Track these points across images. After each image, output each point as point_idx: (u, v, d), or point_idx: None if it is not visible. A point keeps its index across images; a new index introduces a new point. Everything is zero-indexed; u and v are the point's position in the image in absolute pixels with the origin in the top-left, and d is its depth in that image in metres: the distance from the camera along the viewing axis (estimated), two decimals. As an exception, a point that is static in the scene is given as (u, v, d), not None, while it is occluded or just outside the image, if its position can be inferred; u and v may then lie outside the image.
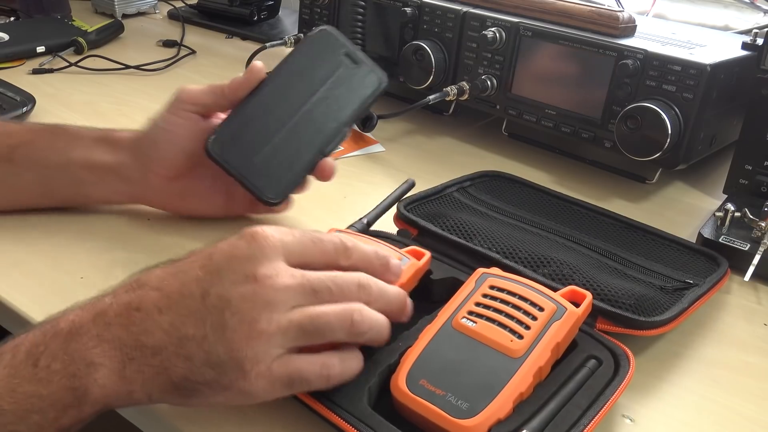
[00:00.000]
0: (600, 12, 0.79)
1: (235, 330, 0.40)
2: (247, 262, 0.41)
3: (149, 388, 0.40)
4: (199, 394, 0.41)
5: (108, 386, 0.39)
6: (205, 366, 0.40)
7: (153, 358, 0.40)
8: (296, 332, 0.41)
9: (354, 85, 0.59)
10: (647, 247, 0.65)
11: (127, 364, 0.40)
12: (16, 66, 1.08)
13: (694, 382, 0.53)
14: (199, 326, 0.40)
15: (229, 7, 1.32)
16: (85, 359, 0.39)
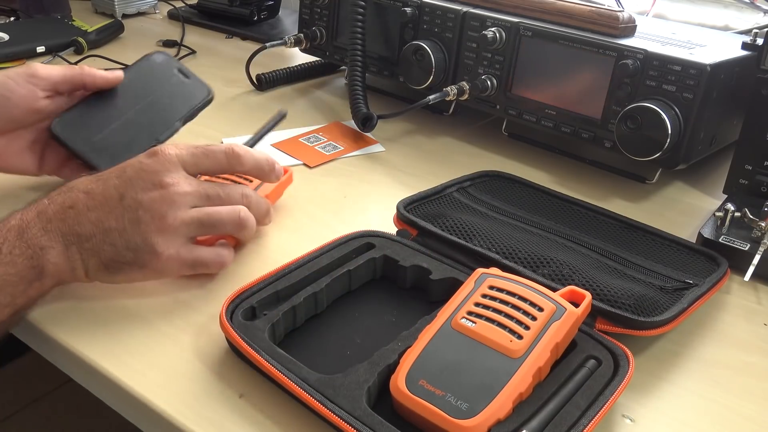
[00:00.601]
0: (600, 12, 0.79)
1: (148, 224, 0.53)
2: (154, 174, 0.54)
3: (86, 266, 0.53)
4: (123, 272, 0.54)
5: (58, 264, 0.52)
6: (126, 250, 0.53)
7: (86, 243, 0.52)
8: (197, 225, 0.55)
9: (185, 92, 0.73)
10: (647, 247, 0.65)
11: (68, 247, 0.52)
12: (16, 66, 1.08)
13: (694, 382, 0.53)
14: (119, 221, 0.53)
15: (229, 7, 1.32)
16: (38, 245, 0.51)
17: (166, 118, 0.71)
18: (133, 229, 0.53)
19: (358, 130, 0.89)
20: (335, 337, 0.54)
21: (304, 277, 0.56)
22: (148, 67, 0.74)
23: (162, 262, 0.54)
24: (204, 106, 0.75)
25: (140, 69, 0.73)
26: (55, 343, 0.54)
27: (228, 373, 0.51)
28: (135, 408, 0.49)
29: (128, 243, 0.53)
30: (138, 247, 0.53)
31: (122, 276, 0.54)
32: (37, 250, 0.51)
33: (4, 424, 1.33)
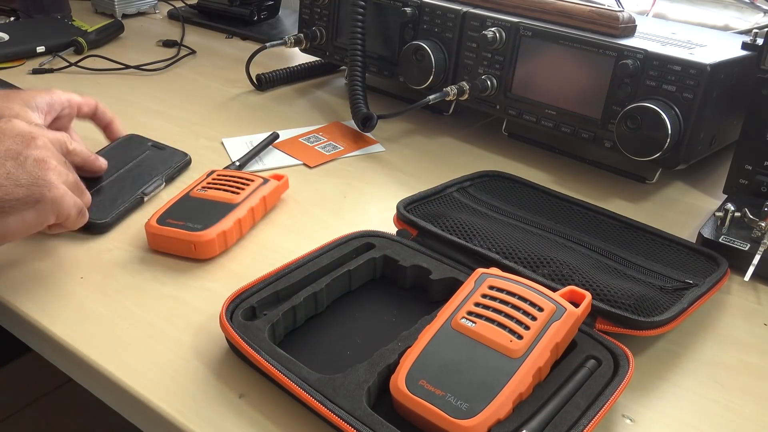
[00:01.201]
0: (600, 12, 0.79)
1: (34, 165, 0.56)
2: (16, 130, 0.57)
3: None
4: (14, 211, 0.54)
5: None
6: (17, 187, 0.54)
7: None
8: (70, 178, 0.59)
9: (163, 158, 0.78)
10: (647, 247, 0.65)
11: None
12: (16, 66, 1.08)
13: (694, 382, 0.53)
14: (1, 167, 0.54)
15: (229, 7, 1.32)
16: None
17: (148, 175, 0.75)
18: (19, 170, 0.54)
19: (358, 130, 0.89)
20: (335, 337, 0.54)
21: (304, 277, 0.56)
22: (123, 143, 0.80)
23: (56, 192, 0.56)
24: (184, 166, 0.79)
25: (116, 146, 0.79)
26: (56, 343, 0.54)
27: (228, 373, 0.51)
28: (135, 408, 0.49)
29: (18, 181, 0.54)
30: (29, 182, 0.55)
31: (13, 219, 0.54)
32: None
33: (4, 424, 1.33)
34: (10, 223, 0.54)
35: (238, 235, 0.66)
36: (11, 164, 0.55)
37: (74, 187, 0.60)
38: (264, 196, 0.69)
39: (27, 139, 0.57)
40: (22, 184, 0.54)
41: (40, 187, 0.55)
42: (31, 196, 0.54)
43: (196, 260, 0.63)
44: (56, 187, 0.56)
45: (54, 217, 0.57)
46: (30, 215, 0.55)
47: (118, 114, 0.93)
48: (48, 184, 0.56)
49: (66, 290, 0.59)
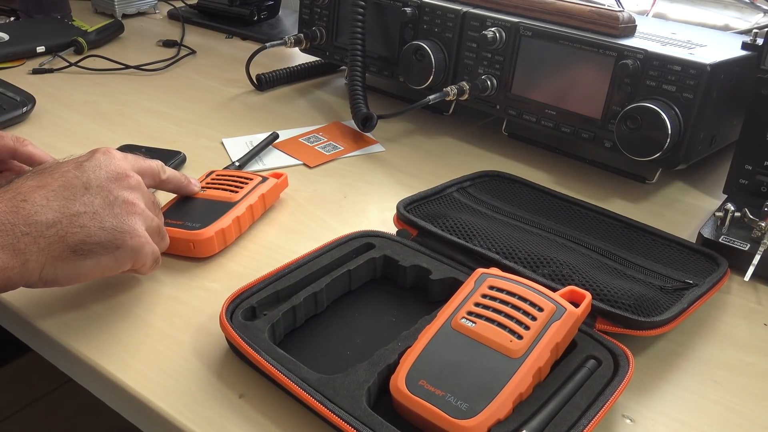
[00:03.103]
0: (600, 12, 0.79)
1: (122, 207, 0.52)
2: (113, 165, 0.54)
3: (44, 256, 0.48)
4: (92, 255, 0.50)
5: (3, 259, 0.46)
6: (100, 230, 0.51)
7: (48, 230, 0.48)
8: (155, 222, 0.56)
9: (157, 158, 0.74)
10: (647, 247, 0.65)
11: (20, 238, 0.47)
12: (16, 66, 1.08)
13: (694, 382, 0.53)
14: (88, 205, 0.51)
15: (229, 7, 1.32)
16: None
17: None
18: (106, 212, 0.51)
19: (358, 130, 0.89)
20: (335, 337, 0.54)
21: (304, 277, 0.56)
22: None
23: (137, 240, 0.53)
24: (180, 163, 0.80)
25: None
26: (55, 343, 0.54)
27: (228, 373, 0.51)
28: (135, 408, 0.49)
29: (102, 223, 0.51)
30: (114, 227, 0.51)
31: (90, 261, 0.51)
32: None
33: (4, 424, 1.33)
34: (85, 265, 0.51)
35: (238, 233, 0.66)
36: (99, 203, 0.51)
37: (156, 233, 0.56)
38: (263, 193, 0.69)
39: (121, 176, 0.54)
40: (106, 227, 0.51)
41: (123, 234, 0.52)
42: (112, 242, 0.51)
43: (196, 260, 0.63)
44: (139, 235, 0.53)
45: (130, 264, 0.54)
46: (107, 260, 0.52)
47: (119, 114, 0.94)
48: (131, 231, 0.52)
49: (66, 290, 0.59)
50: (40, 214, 0.48)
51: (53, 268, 0.49)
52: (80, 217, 0.50)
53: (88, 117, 0.92)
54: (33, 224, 0.48)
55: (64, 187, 0.51)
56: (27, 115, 0.90)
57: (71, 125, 0.90)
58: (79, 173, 0.52)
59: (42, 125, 0.89)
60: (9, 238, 0.47)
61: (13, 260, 0.47)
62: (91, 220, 0.50)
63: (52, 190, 0.50)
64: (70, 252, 0.49)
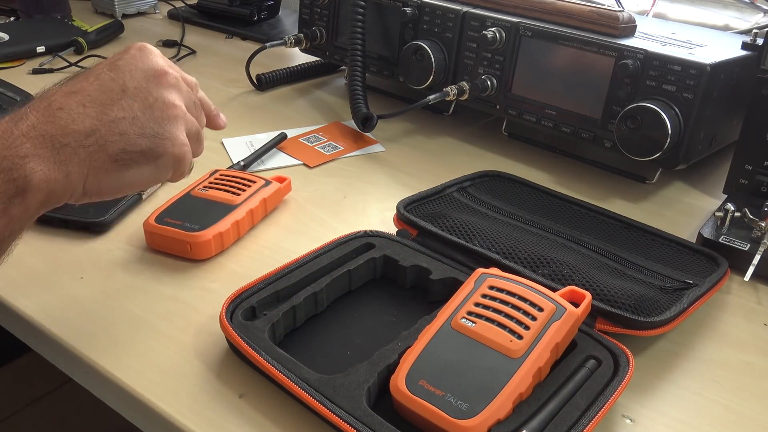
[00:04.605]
0: (600, 12, 0.79)
1: (162, 110, 0.49)
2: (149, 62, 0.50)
3: (85, 167, 0.46)
4: (134, 165, 0.48)
5: (45, 171, 0.44)
6: (140, 137, 0.47)
7: (87, 139, 0.45)
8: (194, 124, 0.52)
9: None
10: (647, 247, 0.65)
11: (60, 150, 0.44)
12: (16, 66, 1.08)
13: (694, 382, 0.53)
14: (126, 110, 0.47)
15: (229, 7, 1.32)
16: (18, 154, 0.43)
17: None
18: (146, 116, 0.48)
19: (358, 130, 0.89)
20: (335, 337, 0.54)
21: (304, 277, 0.56)
22: None
23: (179, 148, 0.50)
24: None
25: None
26: (55, 343, 0.54)
27: (228, 373, 0.51)
28: (135, 408, 0.49)
29: (143, 129, 0.48)
30: (155, 132, 0.48)
31: (132, 171, 0.48)
32: (17, 160, 0.43)
33: (4, 424, 1.33)
34: (128, 176, 0.48)
35: (236, 237, 0.66)
36: (138, 106, 0.48)
37: (195, 137, 0.53)
38: (264, 198, 0.69)
39: (159, 73, 0.50)
40: (146, 134, 0.48)
41: (164, 141, 0.49)
42: (153, 150, 0.48)
43: (196, 260, 0.63)
44: (181, 142, 0.50)
45: (171, 173, 0.51)
46: (148, 170, 0.49)
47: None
48: (172, 137, 0.49)
49: (66, 290, 0.59)
50: (77, 123, 0.45)
51: (96, 180, 0.47)
52: (119, 123, 0.47)
53: (88, 117, 0.92)
54: (71, 134, 0.45)
55: (100, 91, 0.47)
56: (27, 115, 0.89)
57: (71, 125, 0.89)
58: (115, 74, 0.49)
59: (42, 125, 0.89)
60: (49, 150, 0.44)
61: (55, 172, 0.44)
62: (130, 126, 0.47)
63: (88, 95, 0.47)
64: (112, 162, 0.47)
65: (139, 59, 0.50)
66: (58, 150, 0.44)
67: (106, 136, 0.46)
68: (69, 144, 0.45)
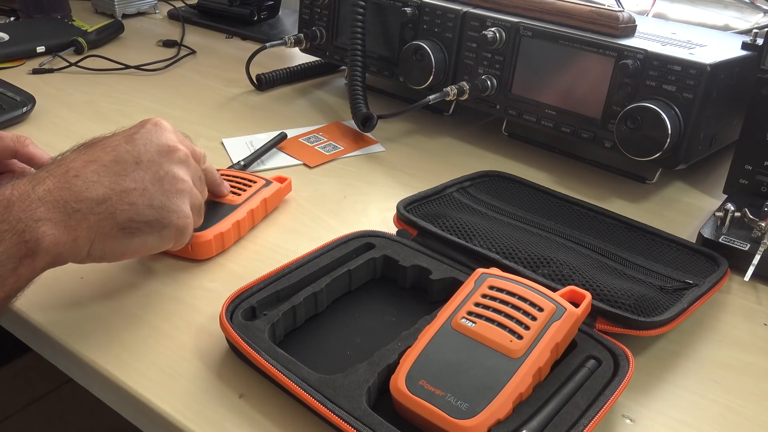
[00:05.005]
0: (600, 12, 0.79)
1: (171, 183, 0.52)
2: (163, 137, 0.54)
3: (93, 233, 0.48)
4: (139, 234, 0.50)
5: (56, 235, 0.46)
6: (148, 208, 0.50)
7: (98, 207, 0.48)
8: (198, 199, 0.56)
9: None
10: (647, 247, 0.65)
11: (71, 215, 0.47)
12: (16, 66, 1.08)
13: (694, 382, 0.53)
14: (138, 181, 0.50)
15: (229, 7, 1.32)
16: (32, 217, 0.46)
17: None
18: (156, 188, 0.51)
19: (358, 130, 0.89)
20: (335, 337, 0.54)
21: (304, 277, 0.56)
22: None
23: (183, 220, 0.53)
24: None
25: None
26: (55, 343, 0.54)
27: (228, 373, 0.51)
28: (135, 408, 0.49)
29: (151, 201, 0.50)
30: (162, 205, 0.51)
31: (137, 240, 0.51)
32: (30, 223, 0.46)
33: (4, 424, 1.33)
34: (132, 243, 0.51)
35: (237, 237, 0.66)
36: (149, 178, 0.51)
37: (197, 210, 0.56)
38: (265, 198, 0.69)
39: (171, 149, 0.53)
40: (154, 205, 0.51)
41: (170, 213, 0.52)
42: (159, 221, 0.51)
43: (196, 260, 0.63)
44: (185, 215, 0.53)
45: (173, 245, 0.54)
46: (152, 239, 0.52)
47: (119, 114, 0.94)
48: (178, 210, 0.52)
49: (66, 290, 0.59)
50: (91, 190, 0.48)
51: (101, 245, 0.49)
52: (130, 194, 0.50)
53: (88, 117, 0.92)
54: (84, 200, 0.48)
55: (115, 162, 0.50)
56: (27, 115, 0.90)
57: (71, 125, 0.90)
58: (131, 147, 0.51)
59: (42, 125, 0.89)
60: (61, 215, 0.47)
61: (64, 236, 0.47)
62: (140, 197, 0.50)
63: (103, 165, 0.50)
64: (119, 230, 0.49)
65: (153, 134, 0.53)
66: (70, 215, 0.47)
67: (116, 204, 0.49)
68: (81, 210, 0.47)
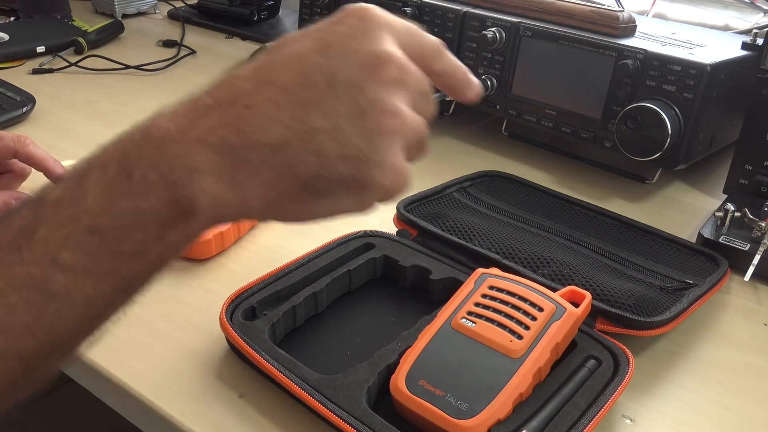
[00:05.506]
0: (600, 12, 0.79)
1: (377, 119, 0.35)
2: (369, 43, 0.36)
3: (268, 193, 0.34)
4: (329, 194, 0.35)
5: (217, 194, 0.33)
6: (341, 160, 0.34)
7: (274, 156, 0.34)
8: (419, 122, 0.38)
9: None
10: (647, 247, 0.65)
11: (239, 167, 0.33)
12: (16, 66, 1.08)
13: (694, 382, 0.53)
14: (329, 116, 0.34)
15: (229, 7, 1.32)
16: (187, 166, 0.33)
17: None
18: (353, 127, 0.34)
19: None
20: (335, 337, 0.54)
21: (304, 277, 0.56)
22: None
23: (391, 177, 0.36)
24: None
25: None
26: (55, 343, 0.54)
27: (228, 373, 0.51)
28: (135, 408, 0.49)
29: (345, 148, 0.34)
30: (360, 154, 0.35)
31: (326, 201, 0.36)
32: (184, 175, 0.33)
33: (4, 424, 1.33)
34: (319, 206, 0.36)
35: (236, 236, 0.66)
36: (344, 111, 0.34)
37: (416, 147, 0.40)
38: None
39: (381, 61, 0.35)
40: (349, 155, 0.34)
41: (371, 168, 0.35)
42: (356, 180, 0.35)
43: (196, 260, 0.63)
44: (395, 170, 0.36)
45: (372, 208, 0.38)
46: (348, 202, 0.37)
47: (119, 114, 0.93)
48: (383, 164, 0.35)
49: (66, 290, 0.59)
50: (266, 130, 0.34)
51: (279, 208, 0.36)
52: (316, 136, 0.34)
53: (88, 117, 0.92)
54: (256, 146, 0.34)
55: (300, 85, 0.35)
56: (27, 115, 0.90)
57: (71, 125, 0.90)
58: (323, 60, 0.35)
59: (42, 125, 0.89)
60: (226, 164, 0.33)
61: (228, 195, 0.34)
62: (330, 141, 0.34)
63: (284, 90, 0.34)
64: (301, 189, 0.35)
65: (358, 35, 0.36)
66: (237, 167, 0.33)
67: (298, 153, 0.34)
68: (251, 160, 0.34)
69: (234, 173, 0.33)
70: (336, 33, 0.36)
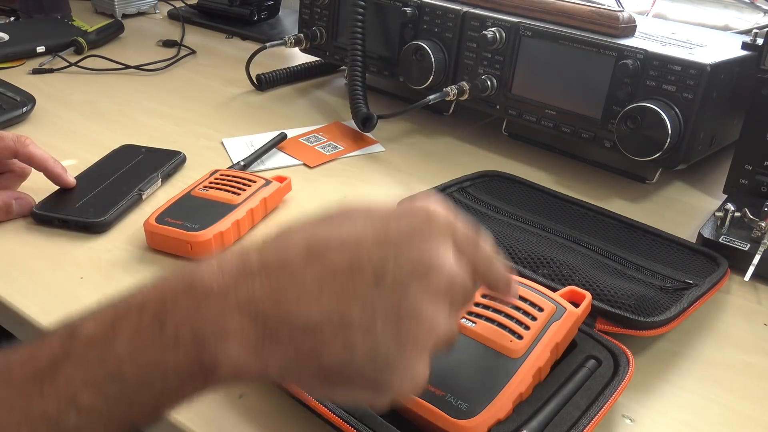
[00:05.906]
0: (600, 12, 0.79)
1: (409, 329, 0.34)
2: (427, 248, 0.35)
3: (289, 371, 0.34)
4: (347, 387, 0.35)
5: (241, 362, 0.33)
6: (366, 360, 0.34)
7: (303, 338, 0.33)
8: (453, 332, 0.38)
9: (157, 158, 0.78)
10: (647, 247, 0.65)
11: (267, 338, 0.33)
12: (16, 66, 1.08)
13: (694, 382, 0.53)
14: (367, 311, 0.33)
15: (229, 7, 1.32)
16: (220, 329, 0.33)
17: (145, 174, 0.75)
18: (385, 329, 0.33)
19: (358, 130, 0.89)
20: (335, 337, 0.54)
21: (304, 277, 0.56)
22: (117, 152, 0.80)
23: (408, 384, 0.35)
24: (180, 163, 0.79)
25: (111, 155, 0.79)
26: (55, 343, 0.54)
27: (228, 373, 0.50)
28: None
29: (374, 351, 0.33)
30: (387, 359, 0.34)
31: (341, 391, 0.35)
32: (214, 336, 0.33)
33: (4, 424, 1.32)
34: (333, 393, 0.37)
35: (236, 237, 0.66)
36: (382, 311, 0.33)
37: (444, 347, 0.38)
38: (265, 198, 0.69)
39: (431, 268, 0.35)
40: (376, 357, 0.33)
41: (393, 374, 0.34)
42: (375, 381, 0.34)
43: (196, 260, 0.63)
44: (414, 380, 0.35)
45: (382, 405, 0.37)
46: (363, 395, 0.36)
47: (119, 114, 0.94)
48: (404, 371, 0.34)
49: (66, 290, 0.59)
50: (301, 309, 0.33)
51: (296, 379, 0.36)
52: (350, 330, 0.33)
53: (88, 117, 0.92)
54: (287, 323, 0.33)
55: (348, 270, 0.34)
56: (27, 115, 0.90)
57: (71, 125, 0.90)
58: (378, 251, 0.34)
59: (42, 125, 0.89)
60: (255, 334, 0.33)
61: (251, 362, 0.33)
62: (362, 338, 0.33)
63: (331, 272, 0.34)
64: (322, 375, 0.34)
65: (418, 238, 0.35)
66: (266, 337, 0.33)
67: (327, 342, 0.33)
68: (280, 335, 0.33)
69: (261, 343, 0.33)
70: (398, 229, 0.35)
